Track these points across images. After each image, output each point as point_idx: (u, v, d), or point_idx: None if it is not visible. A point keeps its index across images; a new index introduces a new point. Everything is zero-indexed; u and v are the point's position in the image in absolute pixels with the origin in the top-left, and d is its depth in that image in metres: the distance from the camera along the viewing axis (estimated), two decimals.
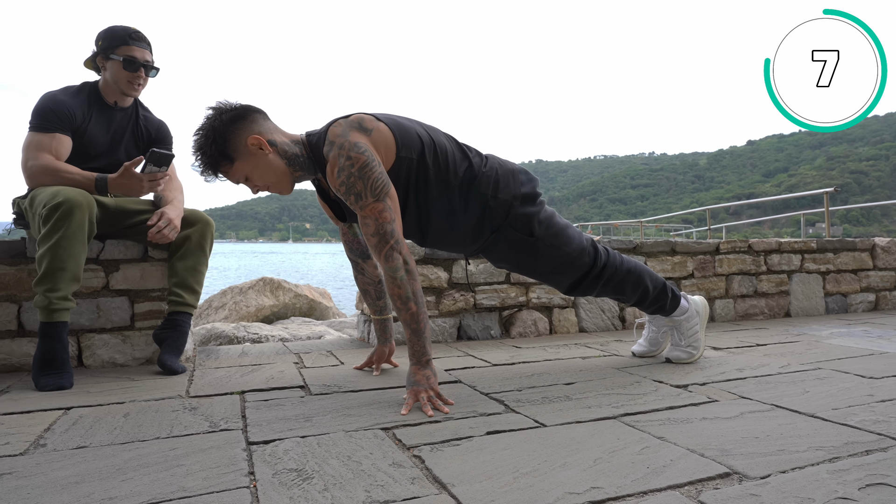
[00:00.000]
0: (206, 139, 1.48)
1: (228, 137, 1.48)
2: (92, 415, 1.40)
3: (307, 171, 1.59)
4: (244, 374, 1.86)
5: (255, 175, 1.52)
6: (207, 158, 1.49)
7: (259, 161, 1.51)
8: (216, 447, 1.15)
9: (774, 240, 3.35)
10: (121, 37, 2.00)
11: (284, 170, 1.54)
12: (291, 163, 1.55)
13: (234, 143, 1.48)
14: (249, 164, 1.50)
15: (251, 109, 1.54)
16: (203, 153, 1.48)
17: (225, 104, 1.52)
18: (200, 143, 1.48)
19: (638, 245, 2.96)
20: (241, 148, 1.49)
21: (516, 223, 1.65)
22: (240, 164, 1.50)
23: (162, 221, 1.94)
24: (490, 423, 1.30)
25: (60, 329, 1.73)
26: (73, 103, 1.98)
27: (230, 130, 1.49)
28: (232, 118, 1.50)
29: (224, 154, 1.48)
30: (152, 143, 2.21)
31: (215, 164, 1.50)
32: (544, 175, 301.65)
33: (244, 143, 1.49)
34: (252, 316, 3.92)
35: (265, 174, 1.52)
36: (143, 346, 2.08)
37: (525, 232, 1.66)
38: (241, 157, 1.50)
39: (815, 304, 3.37)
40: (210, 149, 1.47)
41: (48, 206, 1.72)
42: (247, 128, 1.51)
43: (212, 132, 1.48)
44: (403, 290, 1.44)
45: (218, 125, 1.48)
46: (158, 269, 2.11)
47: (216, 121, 1.49)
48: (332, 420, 1.33)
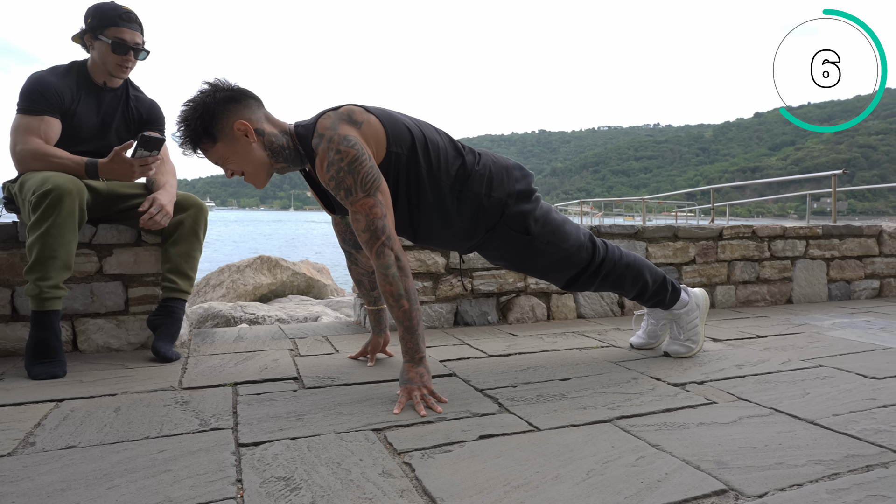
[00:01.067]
0: (193, 112, 1.43)
1: (217, 116, 1.43)
2: (83, 409, 1.39)
3: (292, 162, 1.54)
4: (238, 363, 1.85)
5: (234, 161, 1.48)
6: (190, 132, 1.44)
7: (240, 147, 1.46)
8: (205, 449, 1.14)
9: (779, 225, 3.30)
10: (111, 17, 1.91)
11: (265, 162, 1.50)
12: (275, 154, 1.50)
13: (220, 124, 1.44)
14: (230, 148, 1.46)
15: (247, 94, 1.49)
16: (187, 126, 1.44)
17: (222, 82, 1.47)
18: (187, 115, 1.44)
19: (640, 230, 2.91)
20: (227, 130, 1.45)
21: (512, 222, 1.60)
22: (221, 146, 1.46)
23: (153, 208, 1.90)
24: (483, 425, 1.28)
25: (52, 317, 1.71)
26: (61, 84, 1.92)
27: (220, 110, 1.44)
28: (225, 98, 1.45)
29: (208, 132, 1.44)
30: (144, 125, 2.15)
31: (196, 140, 1.45)
32: (547, 146, 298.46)
33: (231, 126, 1.44)
34: (249, 294, 3.91)
35: (243, 162, 1.48)
36: (138, 331, 2.07)
37: (521, 230, 1.61)
38: (223, 139, 1.45)
39: (818, 290, 3.34)
40: (195, 123, 1.43)
41: (37, 194, 1.67)
42: (237, 111, 1.46)
43: (201, 107, 1.43)
44: (395, 287, 1.41)
45: (209, 101, 1.44)
46: (152, 254, 2.08)
47: (209, 97, 1.44)
48: (324, 419, 1.31)
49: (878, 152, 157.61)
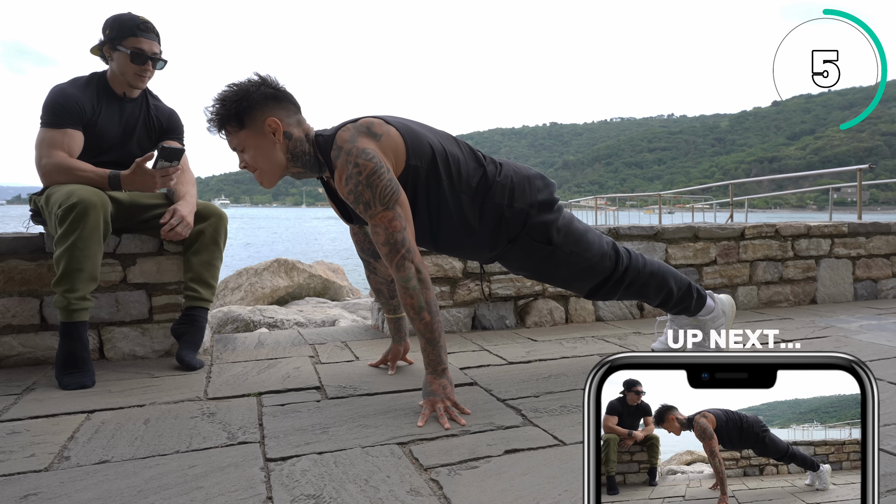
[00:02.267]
0: (234, 95, 1.47)
1: (254, 106, 1.47)
2: (113, 420, 1.42)
3: (310, 169, 1.56)
4: (260, 371, 1.87)
5: (252, 153, 1.50)
6: (224, 110, 1.47)
7: (264, 142, 1.48)
8: (234, 465, 1.15)
9: (803, 223, 3.24)
10: (128, 27, 1.94)
11: (282, 164, 1.51)
12: (295, 159, 1.52)
13: (253, 114, 1.47)
14: (254, 140, 1.48)
15: (289, 98, 1.53)
16: (223, 105, 1.47)
17: (271, 79, 1.51)
18: (226, 96, 1.48)
19: (659, 231, 2.88)
20: (258, 122, 1.47)
21: (534, 232, 1.59)
22: (246, 133, 1.48)
23: (174, 219, 1.92)
24: (508, 438, 1.28)
25: (80, 328, 1.75)
26: (82, 96, 1.95)
27: (259, 102, 1.47)
28: (269, 94, 1.49)
29: (239, 117, 1.47)
30: (164, 133, 2.17)
31: (225, 120, 1.48)
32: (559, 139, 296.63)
33: (263, 119, 1.47)
34: (267, 297, 3.94)
35: (261, 158, 1.50)
36: (162, 339, 2.10)
37: (543, 241, 1.61)
38: (251, 128, 1.48)
39: (844, 290, 3.29)
40: (231, 105, 1.46)
41: (63, 207, 1.70)
42: (274, 110, 1.49)
43: (243, 93, 1.47)
44: (416, 299, 1.41)
45: (253, 91, 1.47)
46: (174, 263, 2.11)
47: (253, 86, 1.48)
48: (349, 432, 1.33)
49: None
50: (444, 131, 1.62)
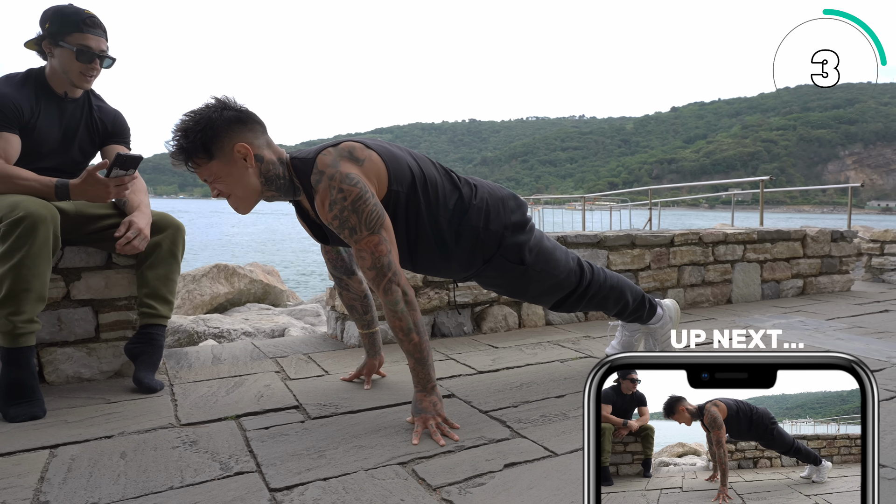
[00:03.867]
0: (195, 125, 1.39)
1: (219, 134, 1.40)
2: (84, 456, 1.32)
3: (284, 193, 1.52)
4: (229, 391, 1.80)
5: (225, 181, 1.44)
6: (188, 144, 1.39)
7: (235, 170, 1.43)
8: (239, 498, 1.13)
9: (721, 230, 3.58)
10: (73, 22, 1.78)
11: (257, 188, 1.47)
12: (269, 183, 1.48)
13: (220, 142, 1.40)
14: (225, 168, 1.43)
15: (253, 118, 1.47)
16: (186, 137, 1.39)
17: (231, 101, 1.44)
18: (188, 127, 1.39)
19: (602, 239, 3.07)
20: (227, 150, 1.41)
21: (508, 253, 1.66)
22: (216, 164, 1.42)
23: (131, 232, 1.80)
24: (503, 452, 1.34)
25: (27, 354, 1.60)
26: (18, 96, 1.77)
27: (224, 128, 1.40)
28: (233, 118, 1.42)
29: (206, 147, 1.40)
30: (108, 137, 2.02)
31: (192, 153, 1.41)
32: (477, 135, 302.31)
33: (231, 146, 1.41)
34: (206, 305, 3.74)
35: (235, 185, 1.45)
36: (111, 359, 1.96)
37: (516, 261, 1.67)
38: (221, 157, 1.41)
39: (753, 290, 3.67)
40: (195, 136, 1.39)
41: (7, 222, 1.55)
42: (241, 134, 1.43)
43: (205, 121, 1.39)
44: (405, 322, 1.43)
45: (215, 117, 1.40)
46: (124, 277, 1.97)
47: (215, 112, 1.41)
48: (346, 455, 1.33)
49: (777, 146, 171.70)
50: (420, 153, 1.64)
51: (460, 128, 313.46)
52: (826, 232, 4.06)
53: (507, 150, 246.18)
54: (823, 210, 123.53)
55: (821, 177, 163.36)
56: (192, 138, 1.39)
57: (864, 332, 2.75)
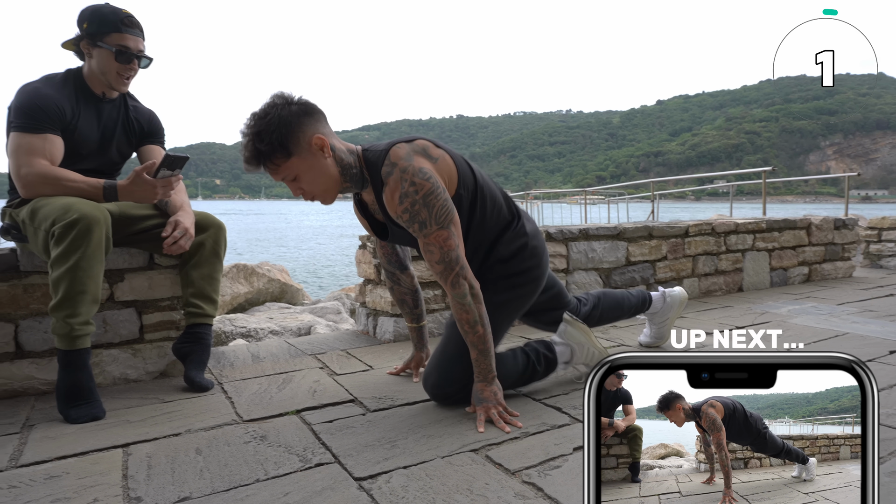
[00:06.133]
0: (268, 125, 1.38)
1: (294, 129, 1.40)
2: (159, 452, 1.34)
3: (355, 184, 1.54)
4: (280, 388, 1.83)
5: (307, 177, 1.44)
6: (265, 146, 1.38)
7: (316, 163, 1.44)
8: (329, 487, 1.16)
9: (732, 220, 3.65)
10: (111, 22, 1.78)
11: (337, 178, 1.48)
12: (344, 172, 1.50)
13: (297, 137, 1.40)
14: (306, 163, 1.43)
15: (318, 109, 1.47)
16: (261, 139, 1.38)
17: (291, 95, 1.44)
18: (261, 129, 1.38)
19: (621, 231, 3.13)
20: (303, 144, 1.41)
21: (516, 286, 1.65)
22: (297, 160, 1.42)
23: (177, 231, 1.81)
24: (568, 437, 1.38)
25: (84, 356, 1.61)
26: (60, 97, 1.77)
27: (297, 123, 1.40)
28: (301, 111, 1.42)
29: (283, 145, 1.39)
30: (144, 137, 2.03)
31: (270, 154, 1.40)
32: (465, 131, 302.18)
33: (308, 139, 1.41)
34: (227, 305, 3.74)
35: (317, 178, 1.45)
36: (156, 359, 1.97)
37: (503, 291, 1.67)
38: (299, 153, 1.41)
39: (763, 278, 3.75)
40: (271, 136, 1.37)
41: (62, 224, 1.55)
42: (313, 125, 1.43)
43: (277, 119, 1.38)
44: (471, 314, 1.47)
45: (285, 114, 1.39)
46: (167, 277, 1.98)
47: (284, 109, 1.40)
48: (417, 444, 1.36)
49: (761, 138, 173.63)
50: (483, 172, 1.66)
51: (448, 124, 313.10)
52: (829, 220, 4.15)
53: (495, 146, 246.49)
54: (806, 200, 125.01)
55: (803, 167, 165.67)
56: (267, 140, 1.38)
57: (876, 315, 2.83)
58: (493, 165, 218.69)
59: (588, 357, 1.80)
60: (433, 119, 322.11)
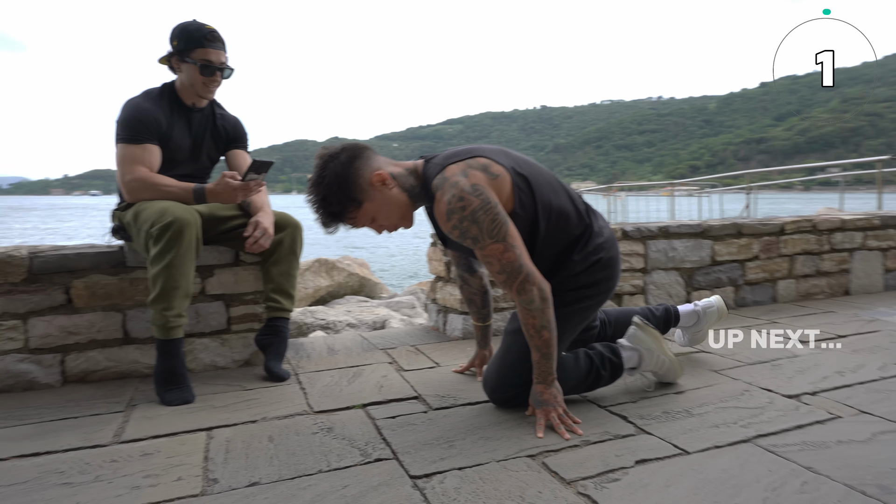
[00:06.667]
0: (329, 188, 1.43)
1: (352, 180, 1.44)
2: (237, 438, 1.45)
3: (419, 200, 1.56)
4: (350, 381, 1.91)
5: (382, 214, 1.49)
6: (335, 207, 1.44)
7: (384, 198, 1.48)
8: (385, 483, 1.20)
9: (838, 217, 3.32)
10: (196, 39, 1.93)
11: (407, 202, 1.52)
12: (411, 195, 1.52)
13: (358, 184, 1.45)
14: (376, 203, 1.47)
15: (361, 146, 1.50)
16: (329, 202, 1.44)
17: (332, 148, 1.48)
18: (325, 193, 1.44)
19: (706, 229, 2.94)
20: (366, 187, 1.46)
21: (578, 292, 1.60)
22: (368, 205, 1.47)
23: (258, 231, 1.94)
24: (632, 448, 1.34)
25: (178, 345, 1.77)
26: (156, 109, 1.95)
27: (351, 172, 1.45)
28: (349, 159, 1.46)
29: (351, 198, 1.44)
30: (230, 143, 2.18)
31: (343, 211, 1.46)
32: (549, 122, 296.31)
33: (368, 181, 1.46)
34: (310, 297, 3.97)
35: (391, 212, 1.50)
36: (241, 349, 2.13)
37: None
38: (367, 197, 1.46)
39: (875, 281, 3.38)
40: (336, 196, 1.43)
41: (158, 226, 1.72)
42: (365, 166, 1.47)
43: (334, 178, 1.43)
44: (538, 319, 1.45)
45: (339, 170, 1.44)
46: (251, 273, 2.13)
47: (335, 165, 1.44)
48: (475, 446, 1.37)
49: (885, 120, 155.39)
50: (558, 180, 1.64)
51: (531, 115, 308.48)
52: None
53: (580, 136, 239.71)
54: None
55: None
56: (335, 200, 1.43)
57: None
58: (577, 157, 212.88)
59: (657, 364, 1.72)
60: (516, 111, 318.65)
